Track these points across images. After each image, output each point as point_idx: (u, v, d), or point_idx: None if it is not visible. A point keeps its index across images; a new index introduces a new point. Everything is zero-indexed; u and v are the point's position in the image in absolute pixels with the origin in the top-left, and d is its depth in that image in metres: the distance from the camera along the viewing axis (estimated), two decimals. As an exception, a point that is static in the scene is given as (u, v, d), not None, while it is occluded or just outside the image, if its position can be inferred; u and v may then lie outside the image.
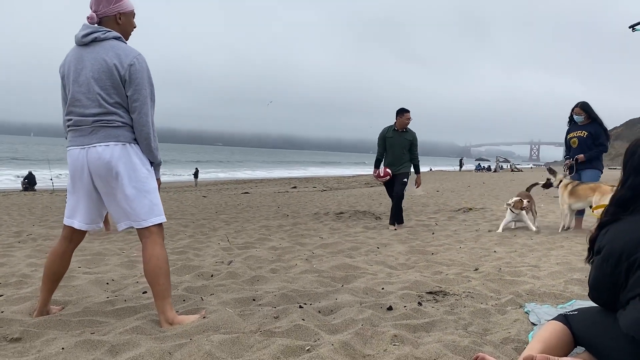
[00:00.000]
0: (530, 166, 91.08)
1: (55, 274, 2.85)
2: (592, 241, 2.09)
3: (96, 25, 2.70)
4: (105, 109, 2.64)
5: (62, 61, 2.78)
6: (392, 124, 7.51)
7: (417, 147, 7.53)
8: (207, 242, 5.83)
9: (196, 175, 33.36)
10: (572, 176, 6.71)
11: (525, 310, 2.95)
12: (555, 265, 4.34)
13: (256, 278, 3.88)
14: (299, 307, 2.97)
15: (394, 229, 7.04)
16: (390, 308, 2.99)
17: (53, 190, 21.62)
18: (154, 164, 2.83)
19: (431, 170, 57.28)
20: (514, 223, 6.97)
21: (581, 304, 2.98)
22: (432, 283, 3.67)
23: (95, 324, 2.76)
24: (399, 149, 7.39)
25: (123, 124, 2.68)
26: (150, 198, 2.71)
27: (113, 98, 2.65)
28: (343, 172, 51.47)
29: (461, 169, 56.47)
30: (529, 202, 6.86)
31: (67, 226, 2.82)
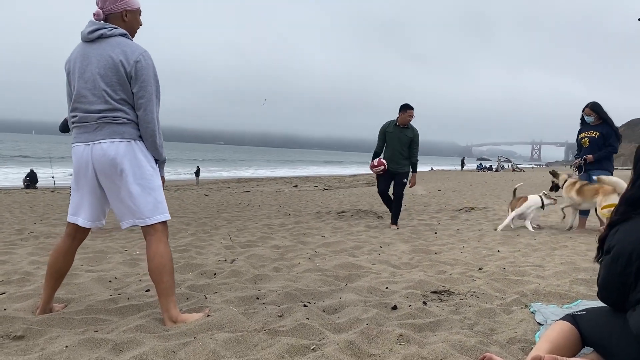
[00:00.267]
0: (531, 166, 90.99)
1: (58, 272, 2.84)
2: (602, 240, 2.07)
3: (102, 22, 2.69)
4: (110, 106, 2.63)
5: (68, 57, 2.77)
6: (395, 119, 7.38)
7: (418, 145, 7.38)
8: (210, 241, 5.82)
9: (197, 173, 33.35)
10: (582, 176, 6.67)
11: (531, 310, 2.93)
12: (559, 265, 4.32)
13: (259, 276, 3.86)
14: (303, 306, 2.95)
15: (396, 228, 7.01)
16: (395, 307, 2.97)
17: (54, 188, 21.63)
18: (159, 162, 2.81)
19: (432, 169, 57.27)
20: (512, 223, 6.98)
21: (587, 304, 2.97)
22: (437, 282, 3.65)
23: (98, 322, 2.74)
24: (399, 145, 7.26)
25: (128, 121, 2.67)
26: (154, 195, 2.70)
27: (119, 94, 2.63)
28: (344, 172, 51.44)
29: (463, 169, 56.44)
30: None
31: (71, 223, 2.81)
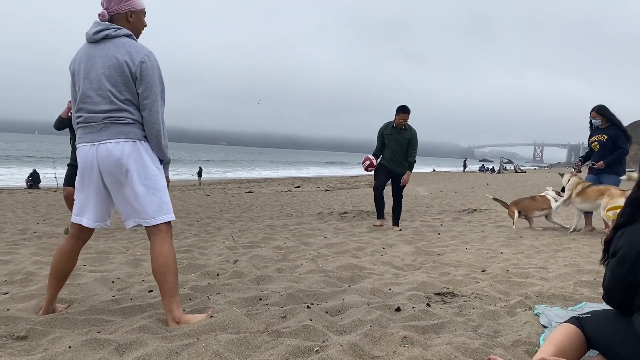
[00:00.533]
0: (534, 168, 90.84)
1: (62, 272, 2.84)
2: (608, 243, 2.06)
3: (107, 22, 2.70)
4: (116, 106, 2.63)
5: (72, 58, 2.77)
6: (392, 120, 7.34)
7: (416, 147, 7.32)
8: (212, 241, 5.82)
9: (200, 174, 33.37)
10: (592, 178, 6.63)
11: (535, 312, 2.92)
12: (563, 267, 4.30)
13: (262, 277, 3.85)
14: (307, 307, 2.95)
15: (399, 230, 6.99)
16: (398, 309, 2.96)
17: (57, 188, 21.66)
18: (164, 162, 2.81)
19: (435, 170, 57.21)
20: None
21: (591, 307, 2.95)
22: (440, 284, 3.64)
23: (101, 323, 2.74)
24: (397, 147, 7.25)
25: (133, 121, 2.67)
26: (159, 196, 2.69)
27: (124, 95, 2.64)
28: (346, 172, 51.41)
29: (465, 170, 56.37)
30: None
31: (75, 224, 2.81)
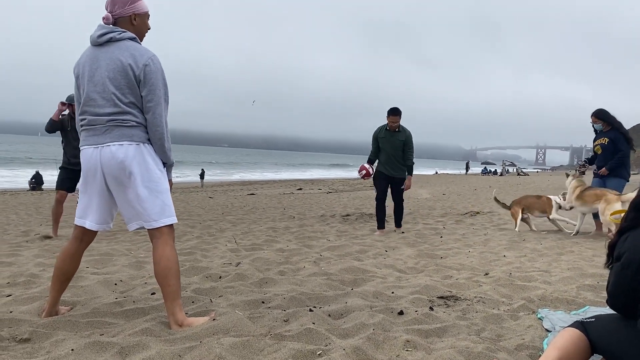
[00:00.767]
0: (536, 170, 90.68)
1: (65, 274, 2.84)
2: (612, 247, 2.05)
3: (111, 25, 2.71)
4: (120, 109, 2.64)
5: (77, 61, 2.78)
6: (386, 124, 7.18)
7: (412, 148, 7.21)
8: (215, 243, 5.82)
9: (202, 176, 33.42)
10: (598, 182, 6.61)
11: (538, 316, 2.91)
12: (566, 270, 4.29)
13: (264, 280, 3.85)
14: (309, 311, 2.94)
15: (401, 232, 6.97)
16: (401, 312, 2.96)
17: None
18: (167, 165, 2.82)
19: (437, 173, 57.16)
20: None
21: (595, 311, 2.94)
22: (443, 287, 3.64)
23: (104, 325, 2.74)
24: (392, 150, 7.13)
25: (137, 124, 2.68)
26: (162, 199, 2.70)
27: (128, 98, 2.64)
28: (348, 175, 51.39)
29: (467, 173, 56.31)
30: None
31: (78, 226, 2.81)
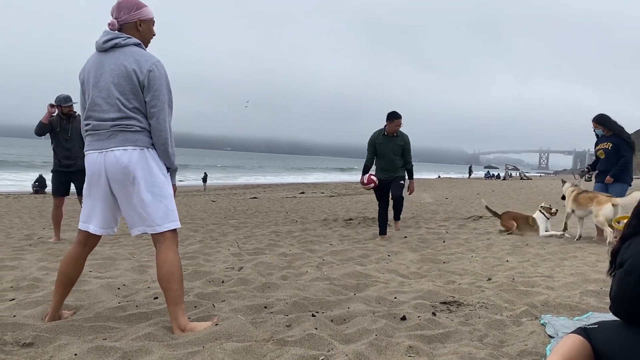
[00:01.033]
0: (539, 174, 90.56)
1: (69, 279, 2.85)
2: (614, 254, 2.05)
3: (117, 31, 2.73)
4: (124, 114, 2.66)
5: (82, 67, 2.81)
6: (382, 129, 7.06)
7: (411, 151, 7.14)
8: (217, 248, 5.83)
9: (205, 179, 33.46)
10: (600, 187, 6.63)
11: (541, 322, 2.90)
12: (569, 275, 4.28)
13: (267, 285, 3.85)
14: (312, 316, 2.94)
15: (404, 237, 6.92)
16: (404, 318, 2.95)
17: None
18: (170, 170, 2.84)
19: (440, 177, 57.13)
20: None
21: (598, 317, 2.94)
22: (445, 293, 3.63)
23: (107, 330, 2.75)
24: (391, 155, 7.02)
25: (141, 129, 2.69)
26: (166, 203, 2.71)
27: (132, 103, 2.66)
28: (351, 178, 51.38)
29: (470, 177, 56.26)
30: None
31: (82, 231, 2.83)
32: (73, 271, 2.85)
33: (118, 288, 3.72)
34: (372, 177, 6.99)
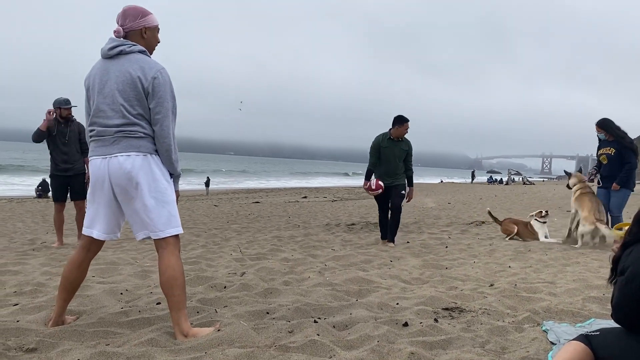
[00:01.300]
0: (542, 179, 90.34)
1: (72, 284, 2.87)
2: (615, 261, 2.05)
3: (122, 39, 2.76)
4: (128, 120, 2.69)
5: (87, 74, 2.84)
6: (387, 132, 6.91)
7: (412, 158, 7.05)
8: (220, 253, 5.83)
9: (207, 184, 33.50)
10: (603, 193, 6.65)
11: (543, 328, 2.90)
12: (571, 282, 4.27)
13: (269, 290, 3.86)
14: (314, 322, 2.95)
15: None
16: (406, 324, 2.96)
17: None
18: (174, 176, 2.86)
19: (442, 182, 57.06)
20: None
21: (600, 324, 2.93)
22: (448, 299, 3.63)
23: (110, 335, 2.76)
24: (395, 159, 6.89)
25: (145, 135, 2.72)
26: (168, 209, 2.73)
27: (136, 109, 2.69)
28: (353, 183, 51.33)
29: (473, 181, 56.19)
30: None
31: (86, 236, 2.84)
32: (76, 276, 2.87)
33: (121, 293, 3.73)
34: (380, 183, 6.82)
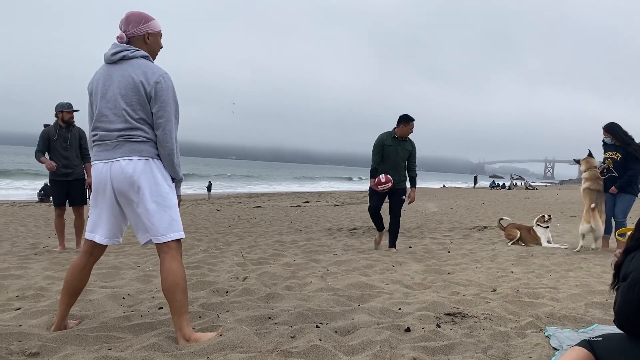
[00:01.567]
0: (544, 184, 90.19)
1: (74, 288, 2.87)
2: (618, 267, 2.05)
3: (125, 44, 2.77)
4: (130, 124, 2.70)
5: (91, 79, 2.86)
6: (391, 131, 6.78)
7: (416, 158, 6.94)
8: (222, 257, 5.84)
9: (209, 188, 33.55)
10: (608, 197, 6.65)
11: (545, 334, 2.90)
12: (574, 287, 4.26)
13: (271, 295, 3.86)
14: (316, 327, 2.94)
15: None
16: (408, 329, 2.95)
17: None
18: (175, 180, 2.86)
19: (445, 186, 57.02)
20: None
21: (603, 329, 2.93)
22: (450, 304, 3.63)
23: (112, 340, 2.76)
24: (398, 159, 6.78)
25: (147, 140, 2.73)
26: (170, 213, 2.73)
27: (138, 114, 2.70)
28: (355, 187, 51.32)
29: (475, 186, 56.14)
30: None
31: (88, 240, 2.85)
32: (79, 281, 2.87)
33: (123, 298, 3.74)
34: (389, 177, 6.62)
